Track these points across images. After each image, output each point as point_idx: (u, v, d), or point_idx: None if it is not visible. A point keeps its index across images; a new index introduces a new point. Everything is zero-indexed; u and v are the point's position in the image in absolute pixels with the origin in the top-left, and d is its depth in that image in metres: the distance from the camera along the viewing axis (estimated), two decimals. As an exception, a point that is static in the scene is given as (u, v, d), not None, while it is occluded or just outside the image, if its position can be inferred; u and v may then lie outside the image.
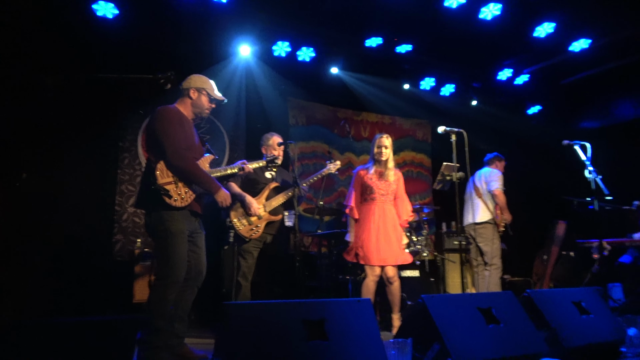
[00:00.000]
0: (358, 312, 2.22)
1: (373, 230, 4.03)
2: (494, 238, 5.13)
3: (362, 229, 4.08)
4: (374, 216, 4.08)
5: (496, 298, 2.69)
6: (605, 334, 2.88)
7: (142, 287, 4.41)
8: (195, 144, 3.13)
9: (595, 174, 4.03)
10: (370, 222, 4.06)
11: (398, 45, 5.58)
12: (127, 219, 5.12)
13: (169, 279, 2.88)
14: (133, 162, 5.28)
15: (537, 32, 5.11)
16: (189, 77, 3.17)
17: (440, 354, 2.27)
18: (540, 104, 7.25)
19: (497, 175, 5.27)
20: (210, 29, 4.89)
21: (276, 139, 4.21)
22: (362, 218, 4.13)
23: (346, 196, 4.25)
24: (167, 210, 2.91)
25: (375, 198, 4.12)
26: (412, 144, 7.42)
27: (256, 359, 1.90)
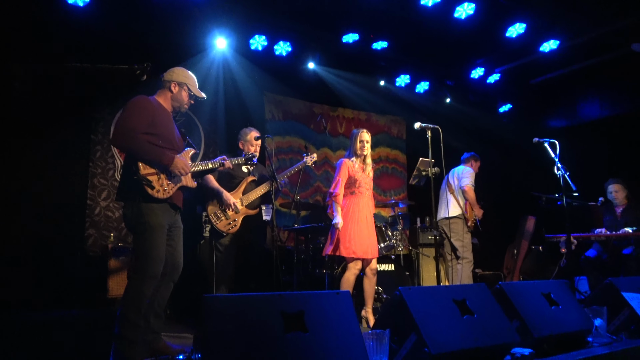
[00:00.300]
0: (337, 304, 2.24)
1: (362, 224, 4.07)
2: (464, 232, 5.24)
3: (351, 222, 4.08)
4: (362, 210, 4.12)
5: (470, 290, 2.75)
6: (573, 324, 2.99)
7: (117, 282, 4.33)
8: (173, 135, 3.09)
9: (563, 170, 4.17)
10: (359, 216, 4.10)
11: (374, 42, 5.63)
12: (99, 213, 5.01)
13: (146, 273, 2.84)
14: (106, 155, 5.16)
15: (509, 32, 5.25)
16: (172, 69, 3.13)
17: (416, 344, 2.31)
18: (510, 103, 7.45)
19: (468, 173, 5.39)
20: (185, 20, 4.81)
21: (254, 134, 4.20)
22: (350, 211, 4.13)
23: (332, 183, 4.20)
24: (147, 202, 2.87)
25: (362, 192, 4.17)
26: (387, 141, 7.50)
27: (235, 350, 1.90)
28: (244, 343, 1.92)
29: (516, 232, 6.64)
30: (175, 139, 3.11)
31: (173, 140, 3.08)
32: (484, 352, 2.43)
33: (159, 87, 3.12)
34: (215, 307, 1.98)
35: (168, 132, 3.04)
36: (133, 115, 2.87)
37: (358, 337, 2.16)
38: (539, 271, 6.30)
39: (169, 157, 2.90)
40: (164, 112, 3.06)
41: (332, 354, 2.01)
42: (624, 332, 3.26)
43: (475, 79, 6.66)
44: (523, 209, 6.69)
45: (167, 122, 3.06)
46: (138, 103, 2.93)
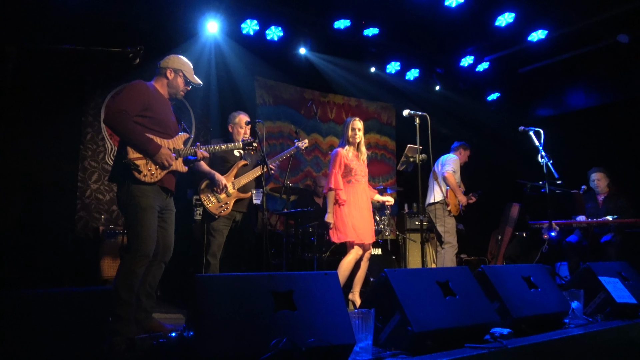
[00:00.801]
0: (325, 284, 2.33)
1: (361, 210, 4.17)
2: (445, 217, 5.32)
3: (353, 209, 4.15)
4: (360, 197, 4.21)
5: (453, 272, 2.86)
6: (551, 306, 3.12)
7: (109, 264, 4.39)
8: (168, 120, 3.13)
9: (547, 158, 4.28)
10: (359, 202, 4.18)
11: (365, 29, 5.65)
12: (90, 196, 5.03)
13: (138, 252, 2.91)
14: (96, 137, 5.17)
15: (498, 21, 5.32)
16: (168, 56, 3.19)
17: (400, 323, 2.42)
18: (499, 91, 7.54)
19: (451, 160, 5.47)
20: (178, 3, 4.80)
21: (243, 118, 4.23)
22: (351, 199, 4.19)
23: (328, 177, 4.26)
24: (137, 184, 2.92)
25: (358, 180, 4.24)
26: (377, 127, 7.57)
27: (226, 328, 1.98)
28: (235, 320, 2.00)
29: (501, 219, 6.79)
30: (170, 123, 3.15)
31: (167, 124, 3.12)
32: (465, 331, 2.54)
33: (156, 73, 3.18)
34: (208, 286, 2.06)
35: (163, 117, 3.09)
36: (127, 98, 2.92)
37: (344, 315, 2.26)
38: (522, 256, 6.48)
39: (155, 146, 2.95)
40: (160, 98, 3.11)
41: (319, 330, 2.10)
42: (600, 315, 3.40)
43: (464, 67, 6.73)
44: (508, 196, 6.83)
45: (163, 107, 3.11)
46: (134, 87, 2.99)
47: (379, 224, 5.26)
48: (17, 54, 2.08)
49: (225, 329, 1.97)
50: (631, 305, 3.43)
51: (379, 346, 2.46)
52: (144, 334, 2.92)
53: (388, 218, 5.42)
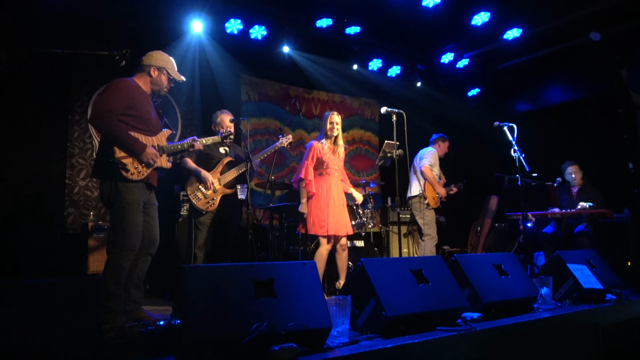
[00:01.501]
0: (304, 274, 2.47)
1: (332, 203, 4.26)
2: (422, 210, 5.45)
3: (321, 202, 4.26)
4: (330, 190, 4.29)
5: (427, 261, 3.02)
6: (520, 292, 3.30)
7: (97, 259, 4.49)
8: (150, 117, 3.21)
9: (519, 152, 4.46)
10: (329, 195, 4.28)
11: (347, 27, 5.78)
12: (78, 192, 5.12)
13: (124, 246, 3.02)
14: (83, 135, 5.24)
15: (474, 21, 5.49)
16: (150, 53, 3.24)
17: (375, 309, 2.58)
18: (479, 87, 7.72)
19: (429, 153, 5.58)
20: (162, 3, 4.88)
21: (224, 117, 4.34)
22: (319, 192, 4.30)
23: (299, 168, 4.37)
24: (123, 181, 3.03)
25: (330, 173, 4.33)
26: (360, 122, 7.72)
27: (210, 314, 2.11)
28: (218, 307, 2.14)
29: (480, 211, 7.00)
30: (152, 120, 3.24)
31: (150, 121, 3.21)
32: (437, 315, 2.71)
33: (138, 70, 3.23)
34: (193, 276, 2.19)
35: (145, 114, 3.17)
36: (111, 97, 2.99)
37: (322, 302, 2.40)
38: (501, 247, 6.69)
39: (141, 145, 3.04)
40: (143, 95, 3.20)
41: (298, 316, 2.25)
42: (568, 300, 3.60)
43: (445, 63, 6.90)
44: (487, 189, 7.04)
45: (145, 104, 3.19)
46: (118, 85, 3.06)
47: (361, 217, 5.42)
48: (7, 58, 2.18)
49: (209, 315, 2.10)
50: (597, 291, 3.62)
51: (356, 330, 2.62)
52: (133, 323, 3.04)
53: (371, 211, 5.59)
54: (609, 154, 6.32)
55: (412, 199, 5.55)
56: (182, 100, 5.79)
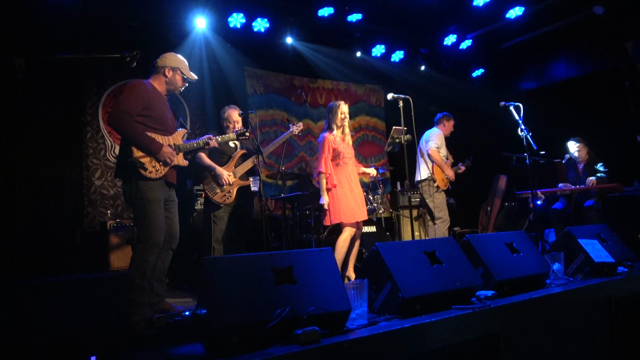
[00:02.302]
0: (321, 260, 2.55)
1: (354, 191, 4.38)
2: (432, 194, 5.45)
3: (344, 190, 4.36)
4: (350, 178, 4.40)
5: (439, 243, 3.09)
6: (532, 269, 3.37)
7: (118, 256, 4.62)
8: (166, 117, 3.32)
9: (526, 131, 4.50)
10: (349, 184, 4.38)
11: (349, 15, 5.79)
12: (94, 192, 5.24)
13: (149, 242, 3.14)
14: (96, 135, 5.35)
15: (475, 1, 5.48)
16: (164, 55, 3.34)
17: (392, 291, 2.67)
18: (483, 68, 7.70)
19: (435, 135, 5.54)
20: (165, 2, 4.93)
21: (232, 112, 4.40)
22: (340, 181, 4.39)
23: (318, 162, 4.43)
24: (143, 180, 3.13)
25: (346, 162, 4.43)
26: (366, 109, 7.75)
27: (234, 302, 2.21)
28: (241, 295, 2.23)
29: (489, 191, 7.04)
30: (168, 120, 3.34)
31: (166, 121, 3.31)
32: (451, 295, 2.79)
33: (153, 72, 3.33)
34: (215, 267, 2.29)
35: (162, 115, 3.28)
36: (128, 99, 3.10)
37: (340, 286, 2.49)
38: (511, 226, 6.74)
39: (157, 145, 3.15)
40: (158, 96, 3.29)
41: (318, 300, 2.33)
42: (580, 274, 3.67)
43: (448, 45, 6.89)
44: (495, 169, 7.06)
45: (161, 105, 3.29)
46: (134, 87, 3.16)
47: (372, 203, 5.49)
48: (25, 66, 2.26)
49: (233, 303, 2.19)
50: (608, 264, 3.68)
51: (374, 313, 2.71)
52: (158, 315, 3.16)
53: (381, 196, 5.66)
54: (616, 128, 6.31)
55: (421, 182, 5.56)
56: (189, 97, 5.87)
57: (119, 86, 5.49)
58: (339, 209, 4.35)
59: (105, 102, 5.42)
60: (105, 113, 5.40)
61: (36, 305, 1.94)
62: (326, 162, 4.36)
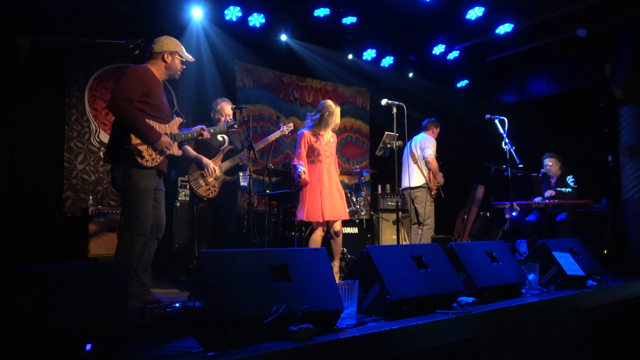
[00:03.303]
0: (315, 259, 2.61)
1: (324, 189, 4.34)
2: (427, 200, 5.56)
3: (314, 188, 4.34)
4: (322, 176, 4.37)
5: (426, 248, 3.20)
6: (510, 278, 3.52)
7: (97, 243, 4.55)
8: (163, 105, 3.28)
9: (510, 145, 4.66)
10: (320, 182, 4.35)
11: (344, 17, 5.86)
12: (76, 176, 5.13)
13: (136, 231, 3.11)
14: (81, 118, 5.24)
15: (469, 15, 5.64)
16: (160, 39, 3.27)
17: (380, 292, 2.75)
18: (467, 78, 7.90)
19: (430, 142, 5.63)
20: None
21: (225, 105, 4.37)
22: (311, 179, 4.38)
23: (295, 157, 4.44)
24: (137, 168, 3.10)
25: (321, 160, 4.40)
26: (352, 111, 7.83)
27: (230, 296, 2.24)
28: (238, 290, 2.26)
29: (467, 199, 7.23)
30: (165, 108, 3.31)
31: (163, 109, 3.28)
32: (436, 299, 2.90)
33: (150, 57, 3.26)
34: (212, 260, 2.31)
35: (159, 102, 3.24)
36: (129, 85, 3.05)
37: (333, 286, 2.55)
38: (486, 234, 6.96)
39: (157, 134, 3.12)
40: (157, 83, 3.25)
41: (312, 298, 2.39)
42: (553, 285, 3.85)
43: (436, 55, 7.04)
44: (474, 178, 7.26)
45: (159, 92, 3.26)
46: (135, 73, 3.11)
47: (355, 204, 5.57)
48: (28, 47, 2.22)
49: (229, 297, 2.22)
50: (579, 277, 3.87)
51: (362, 313, 2.78)
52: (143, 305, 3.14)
53: (363, 199, 5.74)
54: (590, 146, 6.59)
55: (415, 189, 5.58)
56: (178, 86, 5.81)
57: (106, 70, 5.39)
58: (304, 207, 4.33)
59: (92, 86, 5.31)
60: (92, 97, 5.29)
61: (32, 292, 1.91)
62: (301, 157, 4.35)
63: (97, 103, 5.36)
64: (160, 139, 3.14)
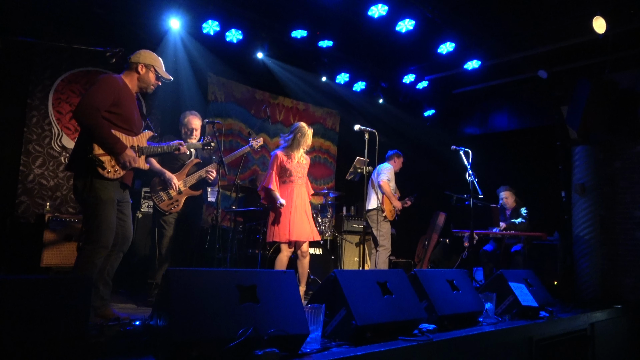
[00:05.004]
0: (284, 281, 2.61)
1: (293, 210, 4.35)
2: (379, 223, 5.72)
3: (283, 208, 4.33)
4: (293, 197, 4.38)
5: (391, 275, 3.25)
6: (469, 306, 3.63)
7: (52, 252, 4.33)
8: (133, 117, 3.21)
9: (473, 177, 4.84)
10: (291, 202, 4.36)
11: (320, 40, 5.97)
12: (32, 180, 4.91)
13: (98, 244, 3.00)
14: (42, 121, 5.04)
15: (440, 49, 5.87)
16: (139, 51, 3.23)
17: (346, 317, 2.76)
18: (434, 108, 8.18)
19: (386, 169, 5.87)
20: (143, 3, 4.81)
21: (192, 118, 4.31)
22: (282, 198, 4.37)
23: (265, 178, 4.44)
24: (99, 179, 3.00)
25: (293, 180, 4.43)
26: (321, 131, 7.92)
27: (197, 316, 2.20)
28: (204, 310, 2.23)
29: (428, 226, 7.40)
30: (135, 120, 3.23)
31: (133, 121, 3.20)
32: (399, 325, 2.95)
33: (126, 67, 3.21)
34: (179, 279, 2.27)
35: (129, 113, 3.16)
36: (99, 94, 2.97)
37: (300, 309, 2.55)
38: (445, 261, 7.13)
39: (122, 146, 3.03)
40: (129, 93, 3.18)
41: (279, 322, 2.38)
42: (508, 315, 3.99)
43: (406, 83, 7.26)
44: (436, 205, 7.45)
45: (130, 103, 3.18)
46: (106, 82, 3.04)
47: (320, 225, 5.60)
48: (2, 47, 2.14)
49: (196, 317, 2.19)
50: (533, 308, 4.03)
51: (325, 337, 2.79)
52: (100, 320, 3.02)
53: (329, 220, 5.79)
54: (545, 181, 6.92)
55: (370, 211, 5.79)
56: (149, 96, 5.69)
57: (74, 73, 5.23)
58: (274, 227, 4.34)
59: (59, 88, 5.13)
60: (57, 99, 5.11)
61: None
62: (272, 179, 4.36)
63: (62, 106, 5.18)
64: (125, 152, 3.05)
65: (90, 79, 5.10)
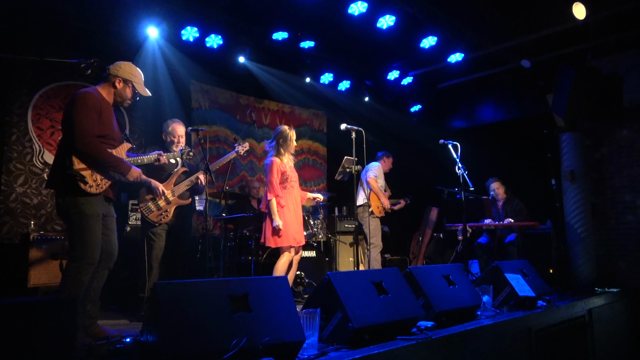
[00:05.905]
0: (276, 288, 2.55)
1: (294, 215, 4.40)
2: (368, 219, 5.71)
3: (287, 213, 4.35)
4: (293, 202, 4.43)
5: (386, 274, 3.21)
6: (466, 301, 3.59)
7: (38, 272, 4.23)
8: (113, 129, 3.14)
9: (463, 170, 4.81)
10: (291, 208, 4.40)
11: (302, 41, 5.93)
12: (15, 199, 4.79)
13: (84, 260, 2.93)
14: (22, 138, 4.92)
15: (422, 43, 5.86)
16: (119, 64, 3.16)
17: (342, 320, 2.71)
18: (420, 104, 8.17)
19: (374, 167, 5.93)
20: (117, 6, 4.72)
21: (176, 126, 4.25)
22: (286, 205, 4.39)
23: (269, 186, 4.39)
24: (81, 195, 2.94)
25: (292, 185, 4.46)
26: (309, 133, 7.87)
27: (188, 330, 2.13)
28: (196, 323, 2.16)
29: (421, 221, 7.38)
30: (114, 132, 3.17)
31: (112, 133, 3.14)
32: (396, 325, 2.90)
33: (104, 78, 3.14)
34: (168, 292, 2.20)
35: (109, 125, 3.10)
36: (87, 118, 2.92)
37: (295, 316, 2.50)
38: (440, 256, 7.11)
39: (126, 167, 3.06)
40: (107, 106, 3.12)
41: (273, 330, 2.32)
42: (505, 307, 3.96)
43: (391, 80, 7.24)
44: (428, 201, 7.44)
45: (109, 116, 3.12)
46: (86, 101, 2.97)
47: (312, 227, 5.55)
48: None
49: (187, 331, 2.12)
50: (530, 298, 4.01)
51: (323, 342, 2.73)
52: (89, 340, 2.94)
53: (321, 221, 5.73)
54: (534, 170, 6.93)
55: (358, 207, 5.77)
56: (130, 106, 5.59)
57: (53, 88, 5.12)
58: (283, 232, 4.33)
59: (37, 104, 5.02)
60: (36, 115, 5.00)
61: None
62: (275, 187, 4.35)
63: (42, 122, 5.07)
64: (131, 170, 3.09)
65: (69, 93, 4.99)
